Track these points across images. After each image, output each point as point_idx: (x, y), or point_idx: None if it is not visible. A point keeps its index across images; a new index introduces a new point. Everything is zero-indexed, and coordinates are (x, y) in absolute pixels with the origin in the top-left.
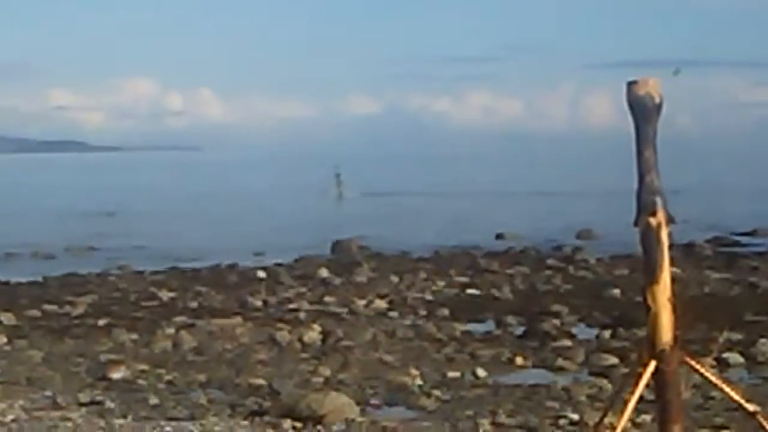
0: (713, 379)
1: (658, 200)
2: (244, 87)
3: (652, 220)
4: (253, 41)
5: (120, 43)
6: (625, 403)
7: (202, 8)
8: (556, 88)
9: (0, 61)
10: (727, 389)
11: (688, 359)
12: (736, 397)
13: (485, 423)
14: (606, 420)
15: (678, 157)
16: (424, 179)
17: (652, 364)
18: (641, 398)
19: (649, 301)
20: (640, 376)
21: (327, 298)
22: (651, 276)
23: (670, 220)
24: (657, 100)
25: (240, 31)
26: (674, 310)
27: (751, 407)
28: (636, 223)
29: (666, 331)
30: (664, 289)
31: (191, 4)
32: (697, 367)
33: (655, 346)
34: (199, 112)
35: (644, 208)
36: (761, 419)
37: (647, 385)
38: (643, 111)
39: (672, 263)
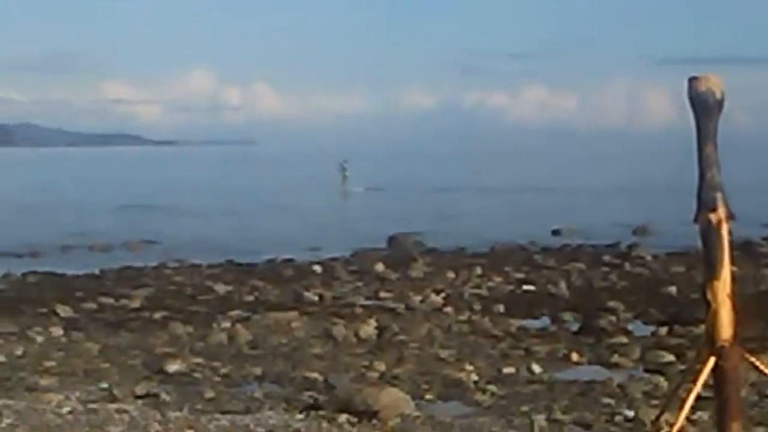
0: None
1: (719, 196)
2: (301, 81)
3: (713, 217)
4: (311, 35)
5: (176, 36)
6: (683, 399)
7: (260, 1)
8: (612, 83)
9: (54, 52)
10: None
11: (747, 356)
12: None
13: (540, 419)
14: (663, 417)
15: (736, 154)
16: (475, 175)
17: (712, 361)
18: (698, 396)
19: (709, 298)
20: (699, 372)
21: (383, 293)
22: (711, 272)
23: (730, 217)
24: (718, 97)
25: (298, 25)
26: (734, 306)
27: None
28: (696, 220)
29: (726, 328)
30: (724, 286)
31: None
32: (758, 363)
33: (715, 342)
34: (255, 106)
35: (705, 205)
36: None
37: (705, 383)
38: (704, 107)
39: (731, 261)
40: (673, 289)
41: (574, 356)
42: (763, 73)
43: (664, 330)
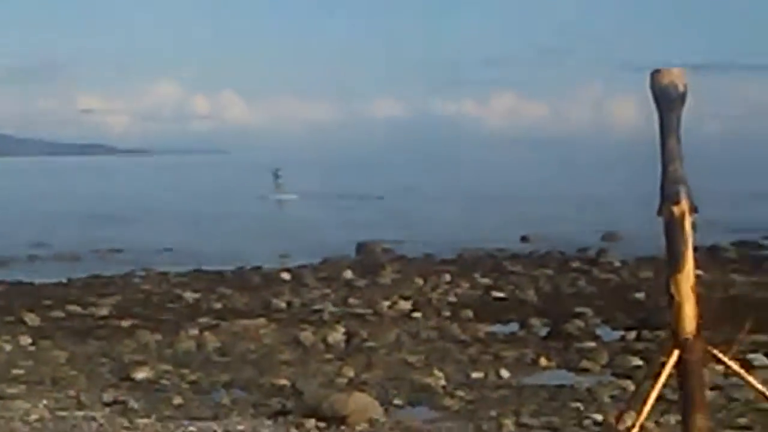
0: (736, 368)
1: (682, 189)
2: (269, 90)
3: (676, 210)
4: (279, 43)
5: (143, 47)
6: (648, 392)
7: (226, 10)
8: (583, 91)
9: (24, 64)
10: (750, 379)
11: (711, 349)
12: (760, 387)
13: (509, 423)
14: (631, 418)
15: (705, 160)
16: (444, 181)
17: (676, 353)
18: (665, 398)
19: (673, 291)
20: (663, 365)
21: (351, 300)
22: (674, 265)
23: (693, 210)
24: (681, 90)
25: (265, 34)
26: (698, 299)
27: None
28: (660, 213)
29: (689, 321)
30: (687, 279)
31: (215, 7)
32: (720, 356)
33: (679, 335)
34: (224, 115)
35: (668, 198)
36: None
37: (669, 383)
38: (667, 100)
39: (697, 266)
40: (641, 294)
41: (543, 361)
42: (734, 79)
43: (632, 335)
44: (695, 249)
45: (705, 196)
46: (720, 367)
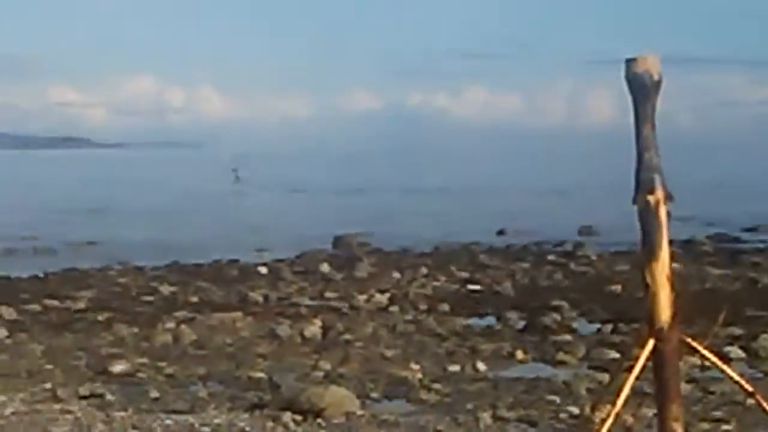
0: (712, 357)
1: (657, 178)
2: (244, 83)
3: (651, 198)
4: (254, 37)
5: (120, 39)
6: (623, 382)
7: (204, 4)
8: (557, 84)
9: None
10: (726, 368)
11: (686, 338)
12: (735, 376)
13: (485, 416)
14: (607, 410)
15: (679, 155)
16: (419, 174)
17: (651, 343)
18: (642, 392)
19: (648, 280)
20: (638, 355)
21: (328, 293)
22: (649, 254)
23: (669, 198)
24: (656, 78)
25: (240, 28)
26: (673, 288)
27: (749, 387)
28: (635, 201)
29: (664, 309)
30: (662, 267)
31: (192, 1)
32: (696, 345)
33: (654, 324)
34: (200, 109)
35: (643, 186)
36: (759, 398)
37: (644, 375)
38: (642, 88)
39: (673, 259)
40: (617, 287)
41: (519, 354)
42: (707, 72)
43: (608, 328)
44: (671, 242)
45: (681, 190)
46: (697, 360)
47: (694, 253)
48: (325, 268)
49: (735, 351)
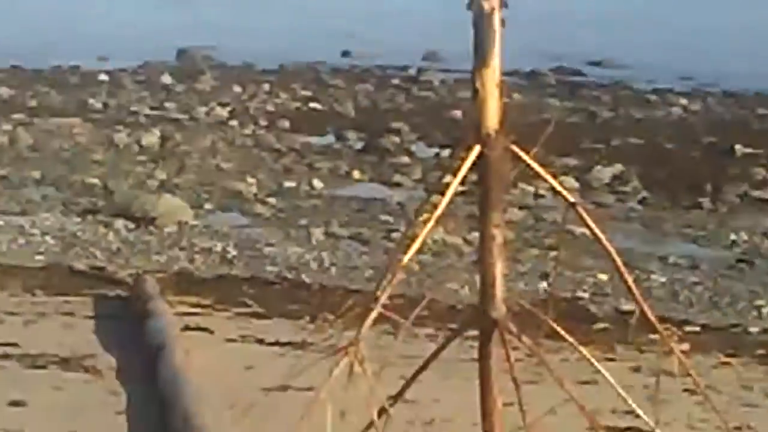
0: (537, 168)
1: None
2: None
3: (485, 4)
4: None
5: None
6: (445, 190)
7: None
8: None
9: None
10: (550, 178)
11: (513, 147)
12: (558, 186)
13: (318, 232)
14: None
15: None
16: None
17: (477, 149)
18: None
19: (477, 85)
20: (461, 162)
21: (168, 104)
22: (481, 60)
23: (503, 5)
24: None
25: None
26: (502, 95)
27: (571, 198)
28: (469, 6)
29: (492, 116)
30: (493, 74)
31: None
32: (521, 154)
33: (481, 130)
34: None
35: None
36: (580, 209)
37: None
38: None
39: (515, 90)
40: (458, 113)
41: (356, 174)
42: None
43: (446, 152)
44: (514, 72)
45: (527, 21)
46: (530, 188)
47: (537, 84)
48: (166, 79)
49: (569, 181)
